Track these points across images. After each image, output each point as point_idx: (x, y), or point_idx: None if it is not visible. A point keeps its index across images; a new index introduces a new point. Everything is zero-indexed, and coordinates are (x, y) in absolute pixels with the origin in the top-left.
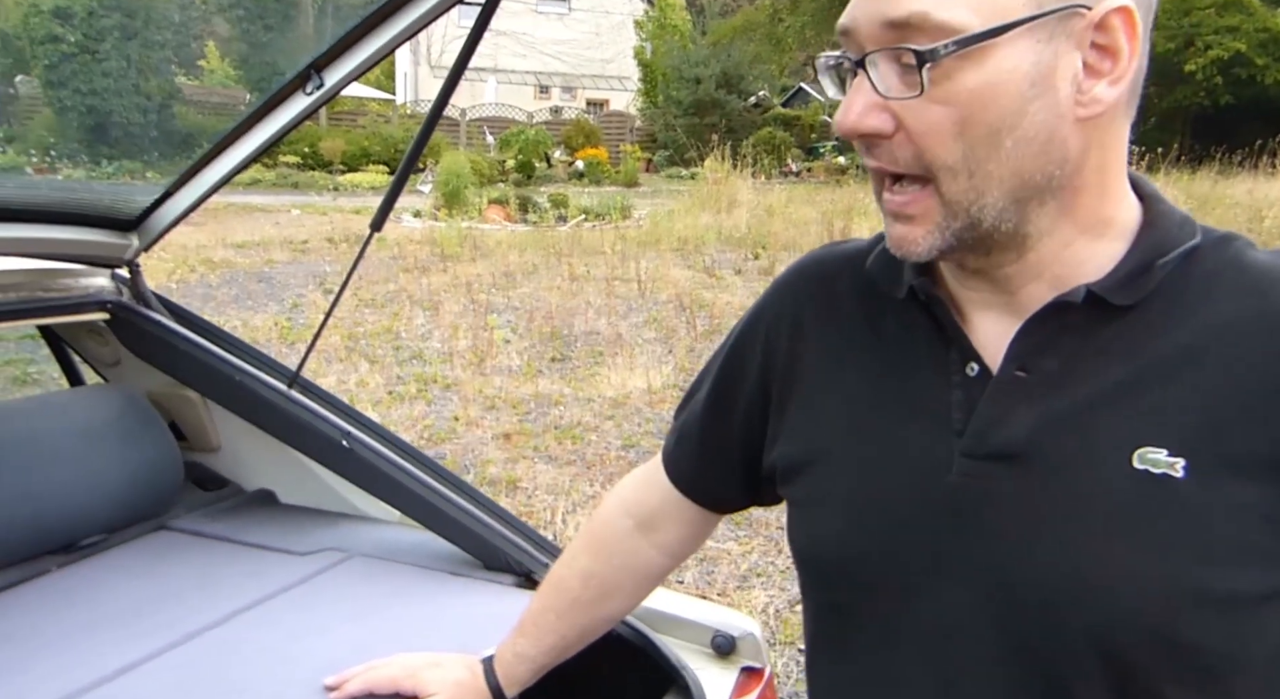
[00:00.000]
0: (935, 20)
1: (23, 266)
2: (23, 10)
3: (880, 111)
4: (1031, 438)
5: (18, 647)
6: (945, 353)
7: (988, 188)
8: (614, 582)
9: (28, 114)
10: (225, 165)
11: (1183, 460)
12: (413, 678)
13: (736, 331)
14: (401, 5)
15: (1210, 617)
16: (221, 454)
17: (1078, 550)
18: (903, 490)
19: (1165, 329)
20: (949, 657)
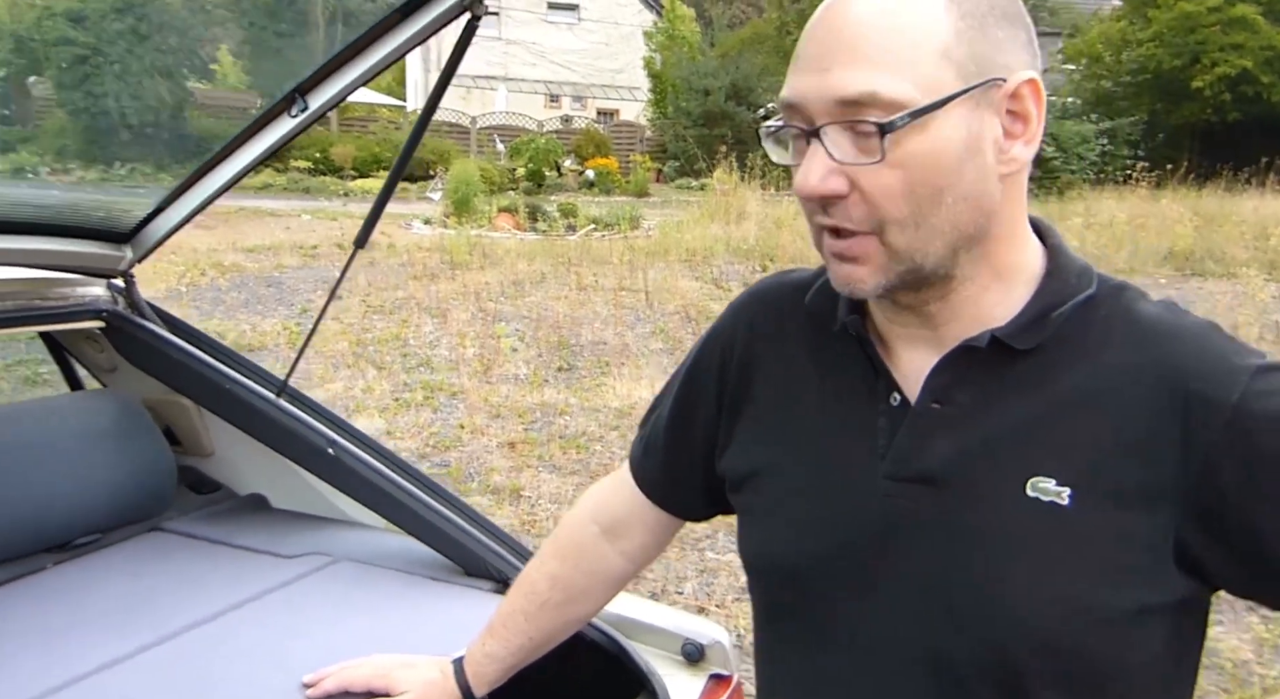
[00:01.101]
0: (884, 97)
1: (21, 275)
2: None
3: (837, 175)
4: (945, 465)
5: (9, 640)
6: (874, 383)
7: (931, 238)
8: (580, 586)
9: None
10: (215, 183)
11: (1069, 490)
12: (385, 677)
13: (696, 350)
14: (382, 34)
15: (1091, 629)
16: (215, 459)
17: (978, 568)
18: (836, 507)
19: (1063, 371)
20: (870, 661)
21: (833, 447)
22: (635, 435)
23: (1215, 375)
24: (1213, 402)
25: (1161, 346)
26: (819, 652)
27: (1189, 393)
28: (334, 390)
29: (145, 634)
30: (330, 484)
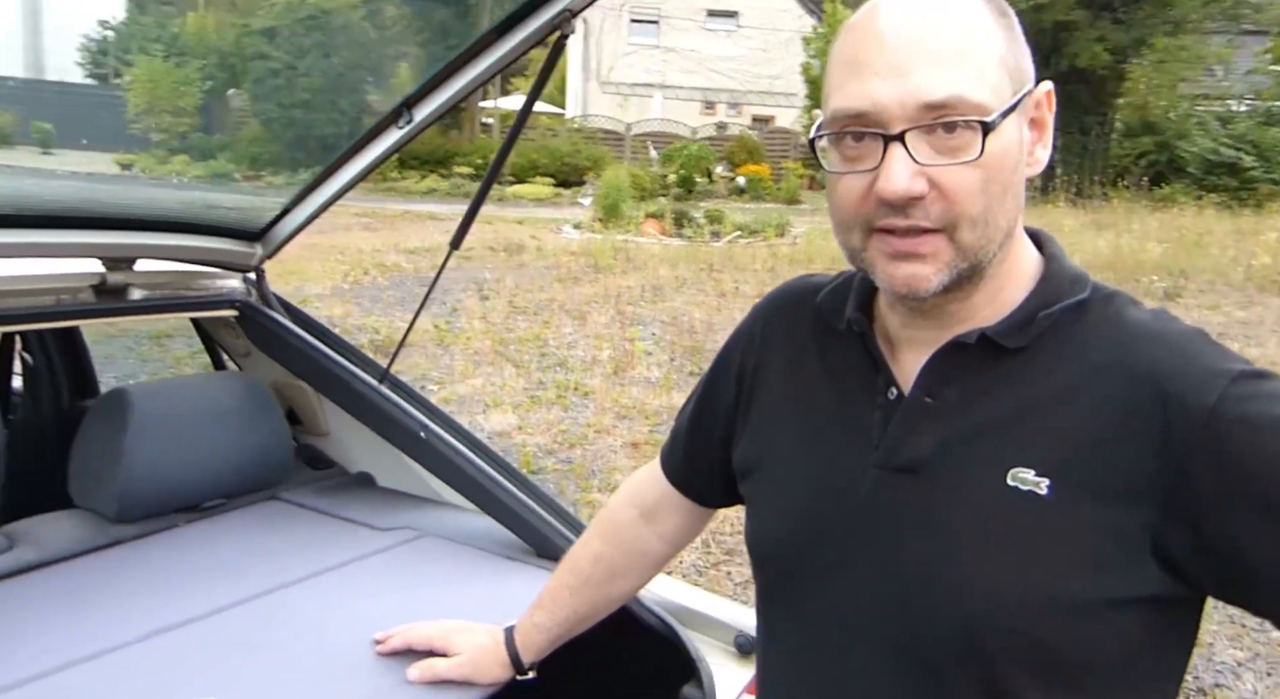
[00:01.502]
0: (969, 101)
1: (171, 268)
2: (237, 30)
3: (919, 176)
4: (931, 456)
5: (141, 584)
6: (874, 379)
7: (993, 234)
8: (621, 565)
9: (238, 125)
10: (332, 188)
11: (1047, 480)
12: (444, 638)
13: (722, 349)
14: (479, 52)
15: (1062, 617)
16: (330, 439)
17: (955, 553)
18: (827, 495)
19: (1048, 370)
20: (848, 640)
21: (830, 438)
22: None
23: (1194, 379)
24: (1190, 405)
25: (1144, 350)
26: (807, 632)
27: (1168, 395)
28: (473, 386)
29: (253, 586)
30: (422, 466)
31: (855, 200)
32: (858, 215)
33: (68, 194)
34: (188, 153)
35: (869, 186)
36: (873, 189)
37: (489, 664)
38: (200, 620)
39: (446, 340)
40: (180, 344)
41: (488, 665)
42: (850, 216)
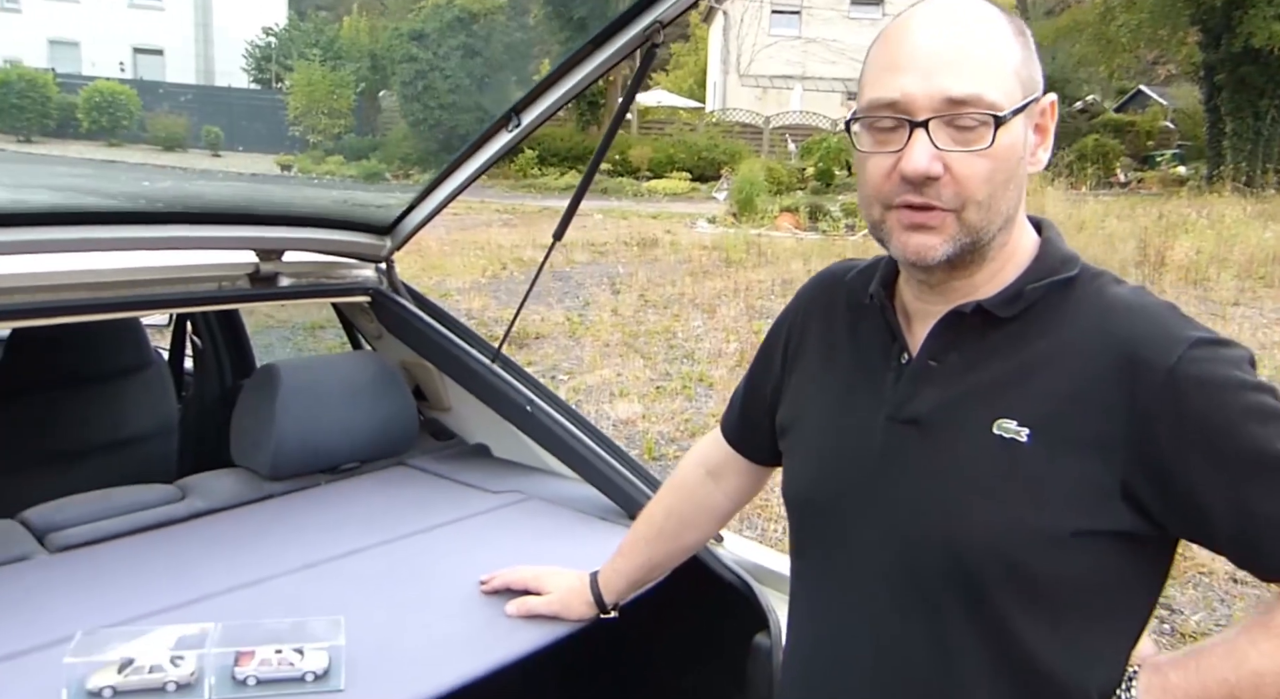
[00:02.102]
0: (986, 99)
1: (313, 259)
2: (388, 33)
3: (936, 160)
4: (931, 411)
5: (289, 534)
6: (891, 346)
7: (995, 218)
8: (688, 516)
9: (388, 126)
10: (449, 187)
11: (1028, 430)
12: (538, 579)
13: (773, 326)
14: (579, 62)
15: (1037, 545)
16: (452, 414)
17: (946, 492)
18: (846, 445)
19: (1035, 337)
20: (859, 571)
21: (852, 396)
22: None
23: (1158, 343)
24: (1154, 366)
25: (1117, 319)
26: (826, 566)
27: (1135, 358)
28: (602, 376)
29: (380, 535)
30: (527, 436)
31: (880, 177)
32: (881, 191)
33: (225, 193)
34: (341, 153)
35: (893, 166)
36: (896, 168)
37: (576, 603)
38: (334, 560)
39: (578, 333)
40: (331, 335)
41: (575, 604)
42: (874, 191)
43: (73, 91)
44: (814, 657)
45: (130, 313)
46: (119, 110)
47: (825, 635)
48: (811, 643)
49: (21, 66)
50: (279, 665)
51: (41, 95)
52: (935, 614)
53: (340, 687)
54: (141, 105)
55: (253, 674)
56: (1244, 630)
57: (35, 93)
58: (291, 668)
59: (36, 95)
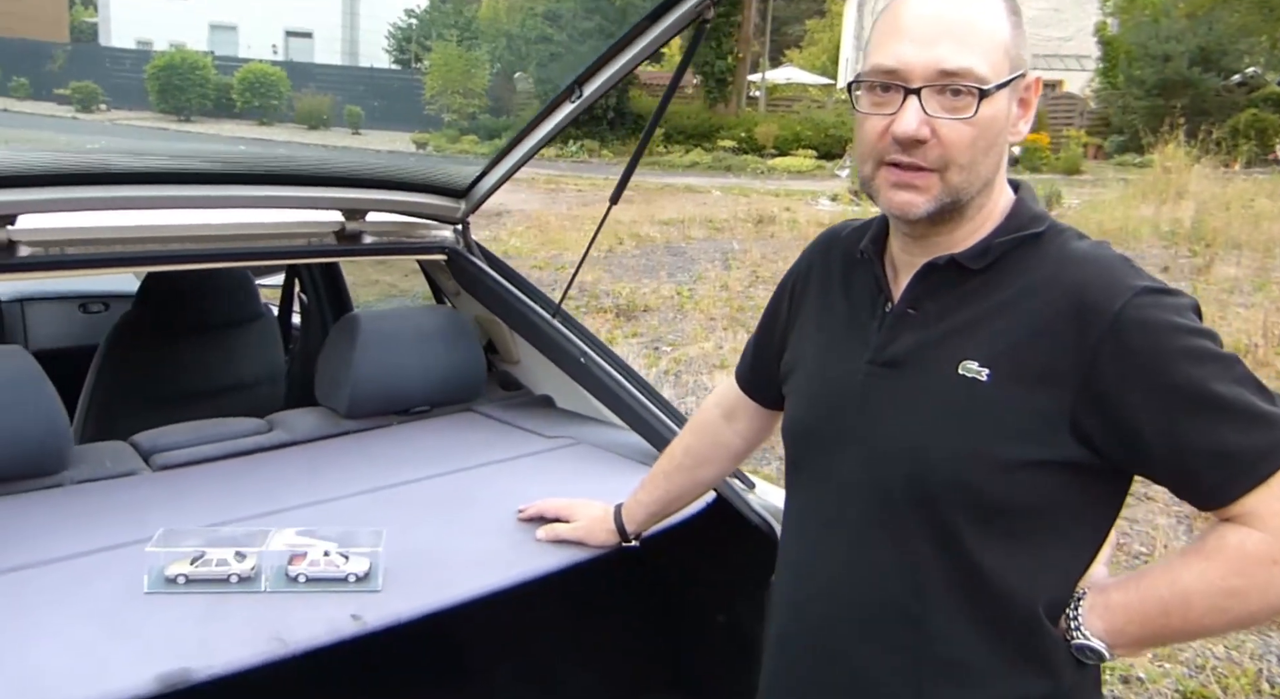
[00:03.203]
0: (976, 73)
1: (395, 219)
2: (523, 14)
3: (925, 124)
4: (908, 354)
5: (359, 461)
6: (879, 295)
7: (974, 180)
8: (705, 455)
9: (524, 106)
10: (516, 155)
11: (988, 370)
12: (567, 508)
13: (781, 280)
14: (637, 36)
15: (991, 472)
16: (521, 367)
17: (915, 426)
18: (833, 386)
19: (1001, 286)
20: (839, 499)
21: (841, 342)
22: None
23: (1107, 290)
24: (1101, 310)
25: (1073, 268)
26: (812, 494)
27: (1084, 303)
28: (703, 349)
29: (438, 468)
30: (580, 385)
31: (875, 137)
32: (874, 149)
33: (314, 157)
34: (475, 132)
35: (886, 127)
36: (889, 129)
37: (599, 531)
38: (393, 487)
39: (685, 306)
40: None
41: (598, 532)
42: (869, 150)
43: (228, 73)
44: (795, 574)
45: (233, 263)
46: (270, 91)
47: (805, 555)
48: (794, 563)
49: (185, 49)
50: (325, 566)
51: (201, 77)
52: (900, 531)
53: (378, 588)
54: (290, 86)
55: (303, 572)
56: (1180, 554)
57: (195, 74)
58: (336, 569)
59: (196, 77)
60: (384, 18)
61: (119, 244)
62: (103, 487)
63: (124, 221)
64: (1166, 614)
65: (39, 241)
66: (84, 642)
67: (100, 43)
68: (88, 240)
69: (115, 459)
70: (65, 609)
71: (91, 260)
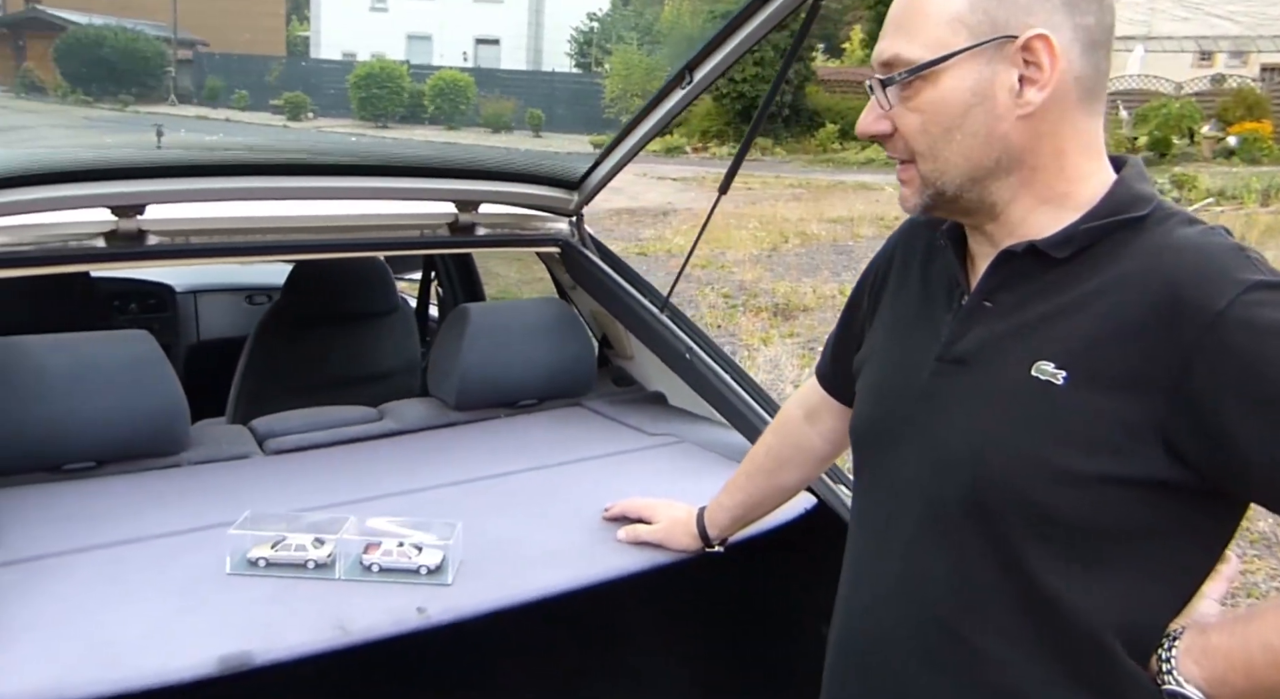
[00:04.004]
0: (904, 58)
1: (509, 211)
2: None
3: (883, 119)
4: (978, 350)
5: (464, 452)
6: (955, 287)
7: (946, 168)
8: (786, 456)
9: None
10: (629, 144)
11: (1064, 372)
12: (650, 509)
13: (863, 271)
14: (747, 19)
15: (1062, 488)
16: (634, 362)
17: (977, 429)
18: (900, 381)
19: (1087, 277)
20: (895, 501)
21: (914, 336)
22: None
23: (1209, 285)
24: (1201, 307)
25: (1172, 259)
26: (872, 496)
27: (1181, 297)
28: None
29: (534, 461)
30: (686, 383)
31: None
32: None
33: (427, 149)
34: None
35: None
36: None
37: (679, 534)
38: (487, 479)
39: None
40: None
41: (679, 535)
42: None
43: (421, 81)
44: (850, 583)
45: (339, 253)
46: (458, 96)
47: (860, 563)
48: (851, 570)
49: (384, 59)
50: (398, 557)
51: (397, 85)
52: (955, 544)
53: (448, 582)
54: (477, 91)
55: (377, 562)
56: None
57: (392, 83)
58: (409, 561)
59: (393, 85)
60: (567, 22)
61: (237, 234)
62: (216, 468)
63: (239, 212)
64: (1278, 665)
65: (165, 231)
66: (159, 616)
67: (311, 56)
68: (207, 230)
69: (231, 442)
70: (152, 583)
71: (209, 249)
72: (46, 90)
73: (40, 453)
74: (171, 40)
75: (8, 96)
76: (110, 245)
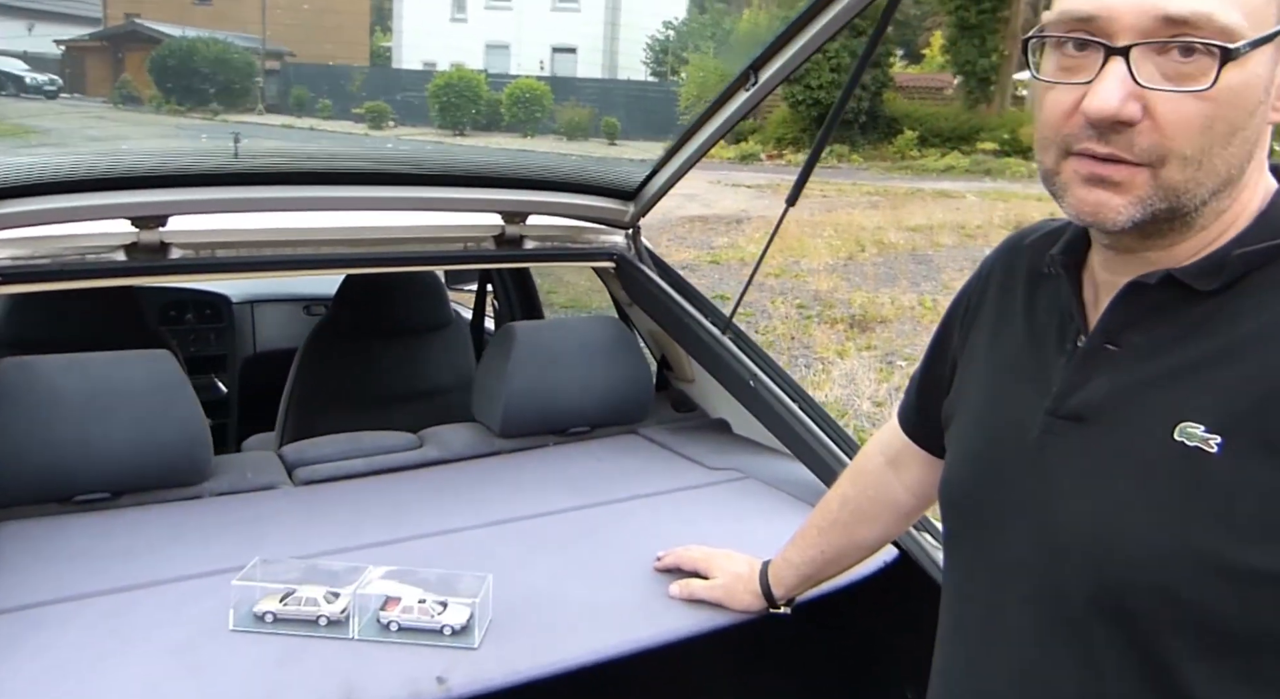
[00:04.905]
0: (1219, 23)
1: (564, 223)
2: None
3: (1135, 100)
4: (1102, 404)
5: (497, 488)
6: (1070, 323)
7: (1205, 179)
8: (865, 508)
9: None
10: (690, 149)
11: (1218, 437)
12: (707, 561)
13: (953, 301)
14: (817, 14)
15: (1223, 586)
16: (696, 386)
17: (1108, 506)
18: (1001, 441)
19: (1245, 315)
20: (1001, 593)
21: (1017, 384)
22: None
23: None
24: None
25: None
26: (969, 584)
27: None
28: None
29: (581, 499)
30: (749, 411)
31: (1060, 115)
32: (1058, 133)
33: (472, 157)
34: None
35: (1078, 102)
36: (1079, 105)
37: (740, 592)
38: (529, 519)
39: (925, 318)
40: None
41: (739, 593)
42: (1051, 133)
43: (498, 89)
44: (959, 662)
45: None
46: (534, 104)
47: (957, 662)
48: (945, 671)
49: (463, 68)
50: (419, 615)
51: (474, 93)
52: (1085, 652)
53: (474, 645)
54: (553, 99)
55: (395, 620)
56: None
57: (470, 92)
58: (431, 619)
59: (470, 94)
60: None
61: (267, 247)
62: (239, 501)
63: (271, 223)
64: None
65: (189, 243)
66: (151, 681)
67: (393, 65)
68: (234, 242)
69: (257, 471)
70: (150, 640)
71: (239, 263)
72: (142, 100)
73: (50, 482)
74: (260, 51)
75: (106, 107)
76: (131, 258)
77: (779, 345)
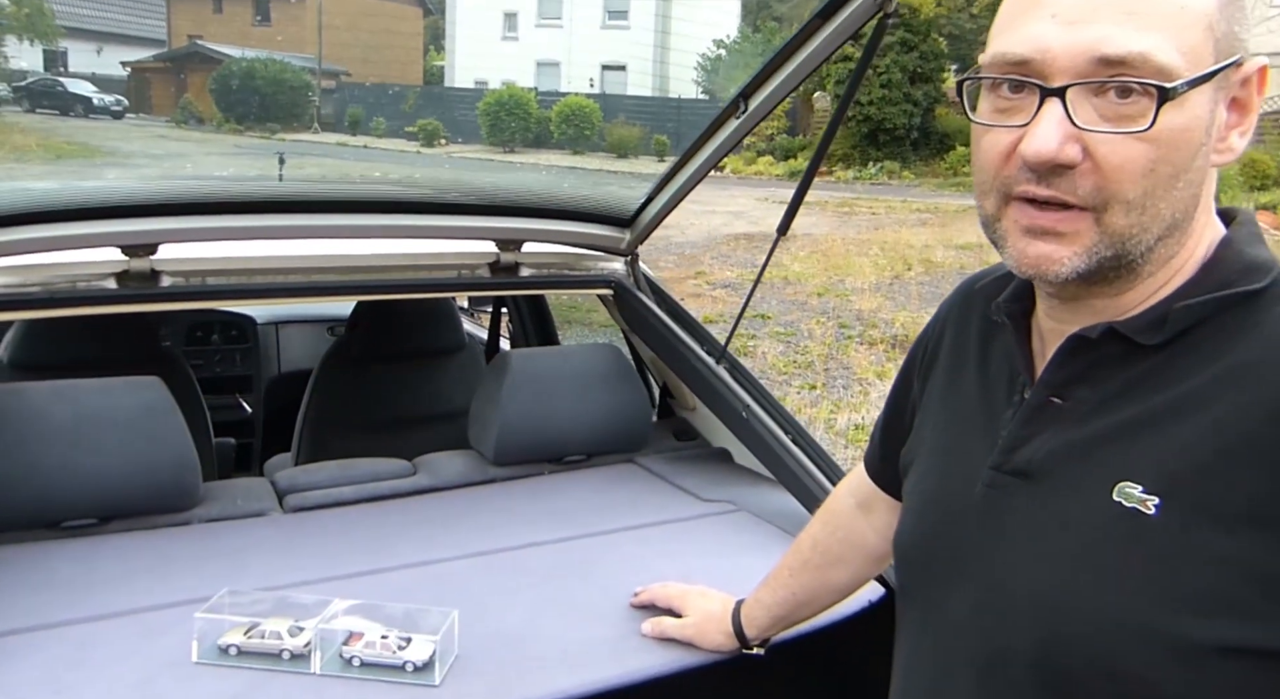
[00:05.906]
0: (1155, 62)
1: (555, 250)
2: None
3: (1074, 142)
4: (1044, 461)
5: (491, 518)
6: (1018, 378)
7: (1151, 224)
8: (836, 552)
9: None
10: (683, 177)
11: (1156, 499)
12: (681, 599)
13: (911, 346)
14: (806, 39)
15: (1162, 658)
16: (696, 414)
17: (1048, 569)
18: (951, 495)
19: (1188, 372)
20: (945, 651)
21: (965, 438)
22: None
23: None
24: None
25: None
26: (916, 640)
27: None
28: None
29: (566, 531)
30: (743, 443)
31: (997, 159)
32: (997, 177)
33: (466, 184)
34: (771, 154)
35: (1015, 144)
36: (1018, 148)
37: (712, 631)
38: (512, 551)
39: None
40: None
41: (710, 632)
42: (989, 178)
43: (547, 107)
44: None
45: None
46: (583, 122)
47: None
48: None
49: (514, 86)
50: (381, 650)
51: (525, 111)
52: None
53: (435, 682)
54: (602, 116)
55: (358, 655)
56: None
57: (520, 109)
58: (393, 655)
59: (520, 111)
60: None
61: (256, 275)
62: (227, 528)
63: (262, 251)
64: None
65: (179, 271)
66: None
67: (445, 84)
68: (224, 270)
69: (247, 498)
70: (111, 673)
71: (226, 291)
72: (202, 120)
73: (38, 508)
74: (316, 71)
75: (169, 126)
76: (122, 286)
77: (816, 366)
